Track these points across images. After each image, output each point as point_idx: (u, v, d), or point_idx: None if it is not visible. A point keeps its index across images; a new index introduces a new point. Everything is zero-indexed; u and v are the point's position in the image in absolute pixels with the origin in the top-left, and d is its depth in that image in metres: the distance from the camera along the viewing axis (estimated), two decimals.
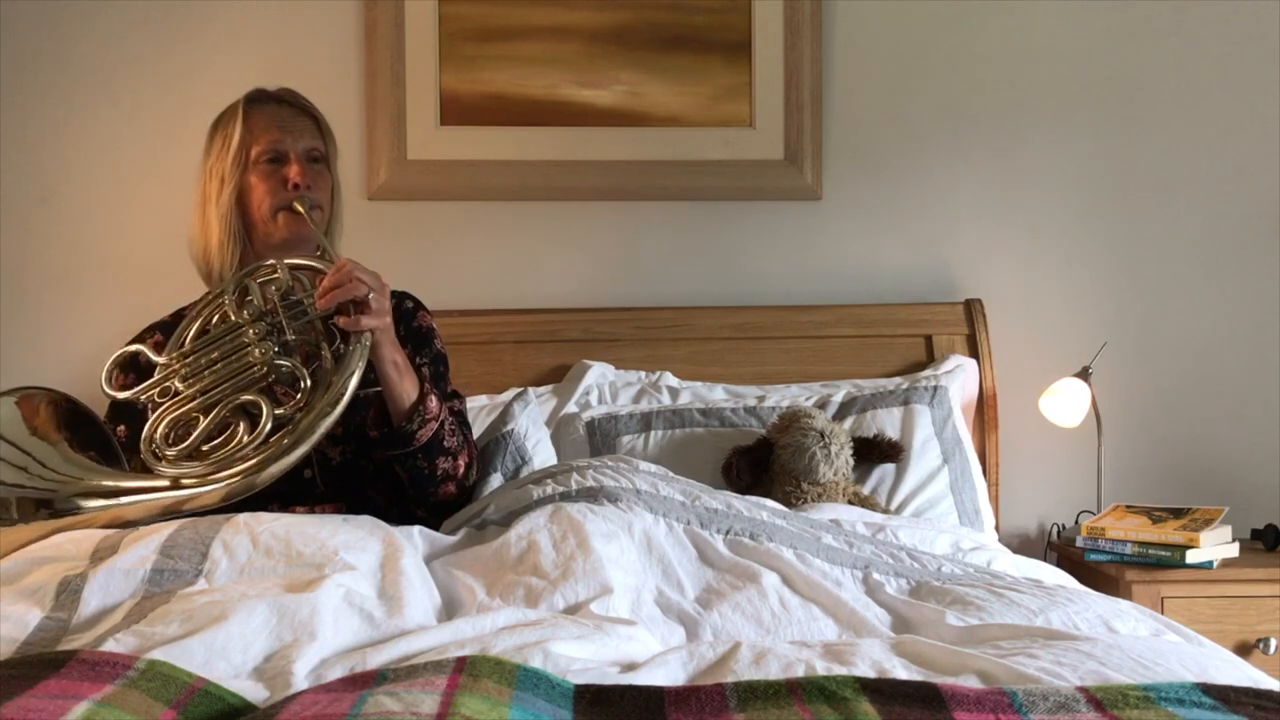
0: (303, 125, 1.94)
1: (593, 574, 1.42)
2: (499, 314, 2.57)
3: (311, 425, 1.65)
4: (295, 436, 1.64)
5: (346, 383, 1.67)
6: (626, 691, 1.03)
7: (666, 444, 2.31)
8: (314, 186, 1.91)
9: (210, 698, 1.03)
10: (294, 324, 1.73)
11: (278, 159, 1.90)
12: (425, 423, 1.78)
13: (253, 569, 1.40)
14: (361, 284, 1.71)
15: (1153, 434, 2.68)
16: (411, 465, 1.81)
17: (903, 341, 2.61)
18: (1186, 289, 2.70)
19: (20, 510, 1.66)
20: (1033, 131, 2.69)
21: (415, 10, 2.62)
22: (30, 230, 2.58)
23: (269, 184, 1.89)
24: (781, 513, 1.74)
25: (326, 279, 1.73)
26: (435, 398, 1.81)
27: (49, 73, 2.58)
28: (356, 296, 1.70)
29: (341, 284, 1.71)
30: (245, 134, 1.90)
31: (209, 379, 1.72)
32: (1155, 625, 1.40)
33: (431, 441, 1.79)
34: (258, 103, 1.94)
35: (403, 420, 1.78)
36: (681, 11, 2.65)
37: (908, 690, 1.01)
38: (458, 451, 1.85)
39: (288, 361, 1.71)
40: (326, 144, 1.97)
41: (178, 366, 1.75)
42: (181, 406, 1.72)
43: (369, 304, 1.71)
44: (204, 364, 1.73)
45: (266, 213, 1.88)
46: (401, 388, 1.77)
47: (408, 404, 1.78)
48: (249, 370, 1.71)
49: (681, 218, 2.68)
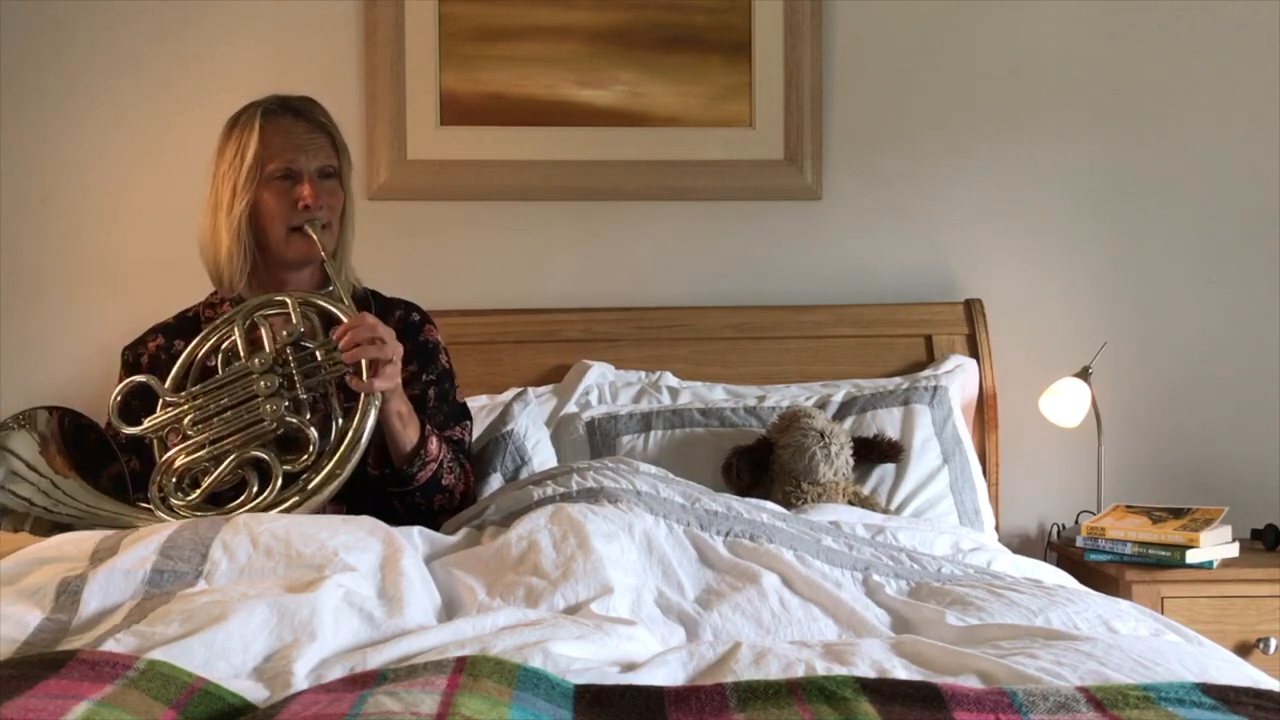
0: (318, 143, 1.94)
1: (593, 574, 1.42)
2: (499, 314, 2.56)
3: (319, 487, 1.71)
4: (304, 497, 1.70)
5: (355, 447, 1.72)
6: (626, 691, 1.03)
7: (666, 444, 2.31)
8: (325, 206, 1.91)
9: (210, 698, 1.03)
10: (306, 381, 1.75)
11: (290, 176, 1.90)
12: (425, 465, 1.82)
13: (253, 569, 1.40)
14: (384, 345, 1.73)
15: (1153, 434, 2.68)
16: (409, 501, 1.86)
17: (903, 341, 2.61)
18: (1186, 289, 2.70)
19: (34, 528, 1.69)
20: (1033, 131, 2.69)
21: (415, 10, 2.62)
22: (30, 230, 2.58)
23: (281, 205, 1.89)
24: (781, 515, 1.74)
25: (348, 335, 1.74)
26: (435, 439, 1.85)
27: (49, 72, 2.58)
28: (381, 357, 1.73)
29: (362, 343, 1.73)
30: (260, 149, 1.89)
31: (219, 428, 1.75)
32: (1155, 625, 1.40)
33: (430, 481, 1.84)
34: (274, 115, 1.93)
35: (403, 464, 1.81)
36: (681, 11, 2.65)
37: (908, 690, 1.01)
38: (454, 487, 1.89)
39: (297, 420, 1.74)
40: (340, 160, 1.97)
41: (186, 408, 1.77)
42: (191, 454, 1.75)
43: (384, 367, 1.73)
44: (213, 410, 1.76)
45: (280, 233, 1.89)
46: (404, 437, 1.80)
47: (409, 450, 1.81)
48: (259, 424, 1.73)
49: (681, 218, 2.68)
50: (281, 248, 1.90)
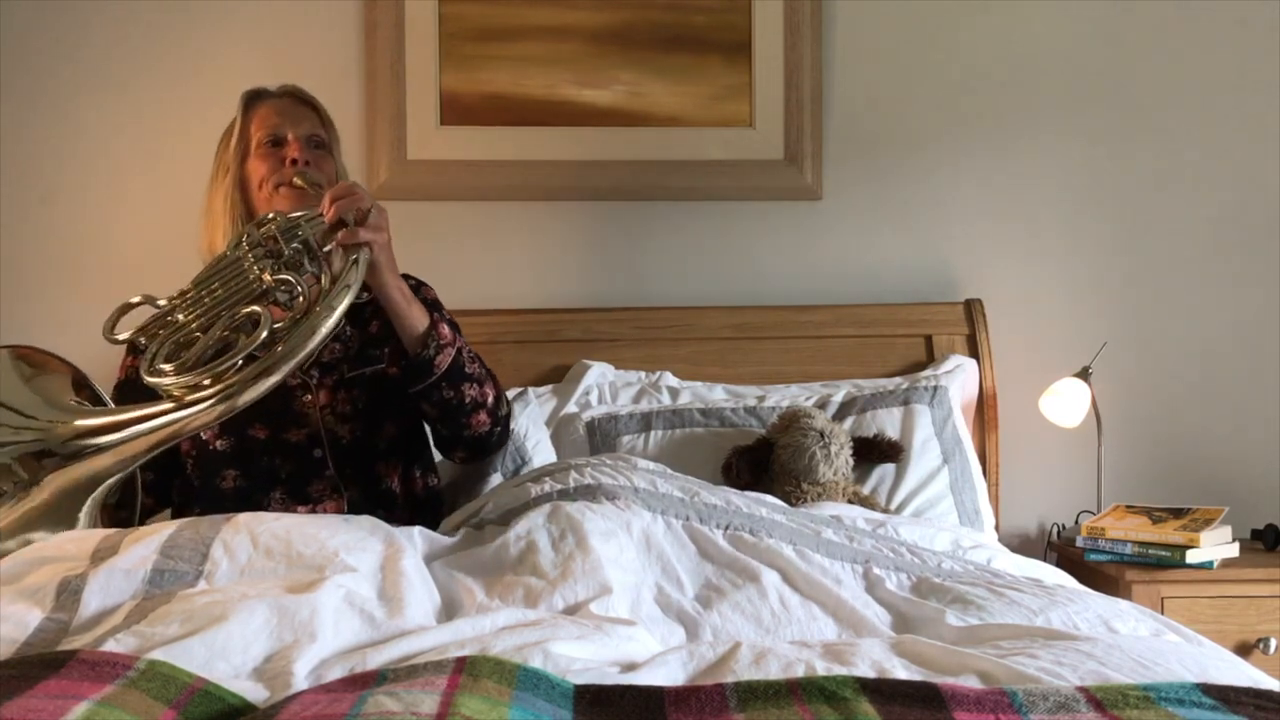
0: (303, 113, 1.96)
1: (592, 574, 1.42)
2: (499, 314, 2.56)
3: (311, 327, 1.60)
4: (294, 340, 1.60)
5: (343, 292, 1.64)
6: (626, 691, 1.03)
7: (666, 444, 2.31)
8: (315, 166, 1.91)
9: (210, 698, 1.03)
10: (291, 244, 1.70)
11: (277, 142, 1.92)
12: (441, 348, 1.78)
13: (253, 570, 1.40)
14: (365, 197, 1.72)
15: (1153, 434, 2.68)
16: (438, 398, 1.81)
17: (903, 341, 2.61)
18: (1186, 289, 2.70)
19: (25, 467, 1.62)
20: (1033, 131, 2.69)
21: (415, 10, 2.62)
22: (31, 228, 2.58)
23: (269, 163, 1.90)
24: (781, 508, 1.74)
25: (330, 192, 1.73)
26: (446, 325, 1.82)
27: (49, 71, 2.58)
28: (360, 207, 1.71)
29: (344, 196, 1.72)
30: (245, 124, 1.93)
31: (209, 303, 1.71)
32: (1155, 625, 1.40)
33: (453, 367, 1.80)
34: (259, 95, 1.97)
35: (418, 348, 1.78)
36: (681, 11, 2.65)
37: (908, 690, 1.01)
38: (483, 379, 1.85)
39: (287, 274, 1.67)
40: (328, 132, 1.99)
41: (179, 302, 1.73)
42: (183, 329, 1.70)
43: (368, 219, 1.71)
44: (204, 294, 1.72)
45: (269, 190, 1.89)
46: (410, 314, 1.78)
47: (419, 330, 1.78)
48: (247, 286, 1.69)
49: (681, 218, 2.68)
50: (272, 204, 1.88)
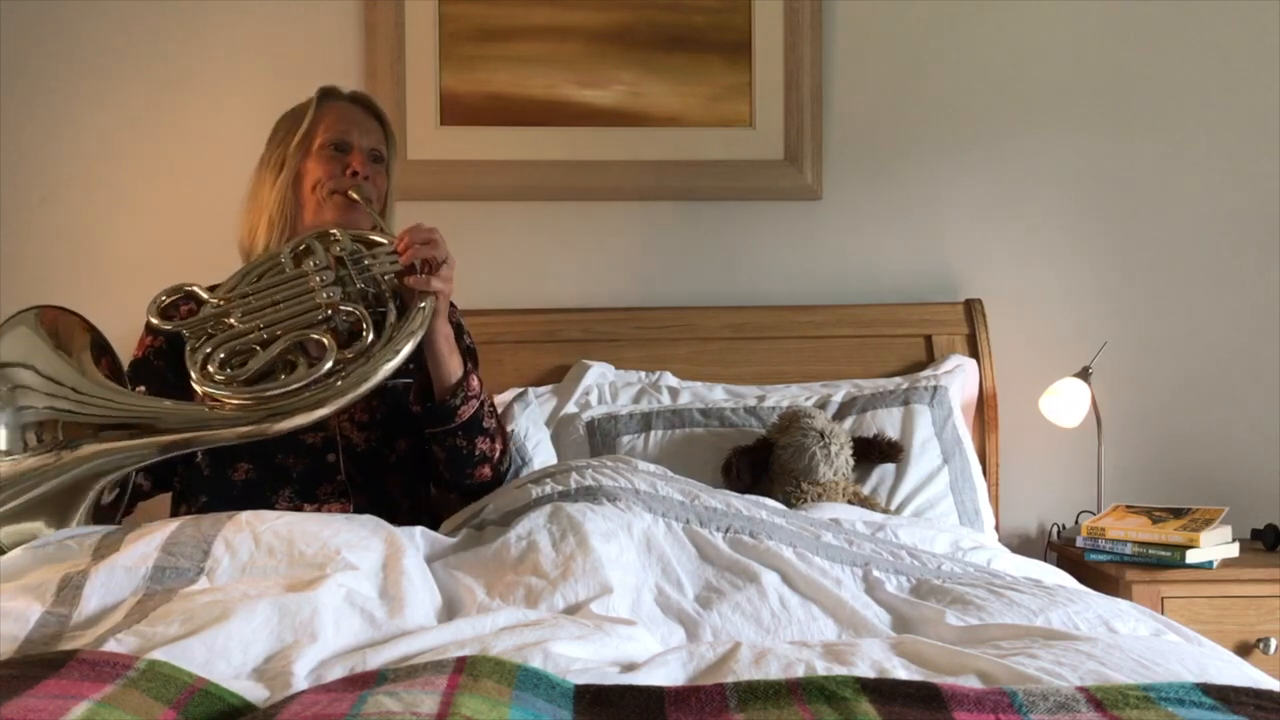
0: (371, 125, 1.96)
1: (592, 574, 1.42)
2: (499, 314, 2.56)
3: (368, 372, 1.62)
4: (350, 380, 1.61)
5: (407, 339, 1.66)
6: (626, 691, 1.03)
7: (666, 444, 2.31)
8: (372, 182, 1.91)
9: (210, 698, 1.03)
10: (361, 276, 1.70)
11: (341, 148, 1.91)
12: (467, 399, 1.79)
13: (254, 568, 1.40)
14: (442, 247, 1.73)
15: (1153, 434, 2.68)
16: (450, 444, 1.82)
17: (903, 341, 2.61)
18: (1186, 289, 2.70)
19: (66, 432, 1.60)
20: (1032, 131, 2.69)
21: (415, 10, 2.62)
22: (31, 230, 2.58)
23: (328, 168, 1.89)
24: (781, 511, 1.74)
25: (407, 234, 1.73)
26: (477, 378, 1.83)
27: (49, 72, 2.58)
28: (438, 257, 1.72)
29: (423, 242, 1.72)
30: (313, 123, 1.91)
31: (270, 316, 1.68)
32: (1155, 625, 1.40)
33: (472, 420, 1.81)
34: (331, 97, 1.97)
35: (446, 395, 1.79)
36: (681, 11, 2.65)
37: (908, 690, 1.01)
38: (495, 434, 1.86)
39: (353, 307, 1.67)
40: (389, 150, 1.99)
41: (234, 305, 1.70)
42: (240, 337, 1.67)
43: (440, 269, 1.72)
44: (265, 303, 1.69)
45: (323, 193, 1.88)
46: (449, 364, 1.79)
47: (453, 380, 1.79)
48: (313, 311, 1.67)
49: (681, 218, 2.68)
50: (321, 209, 1.87)
